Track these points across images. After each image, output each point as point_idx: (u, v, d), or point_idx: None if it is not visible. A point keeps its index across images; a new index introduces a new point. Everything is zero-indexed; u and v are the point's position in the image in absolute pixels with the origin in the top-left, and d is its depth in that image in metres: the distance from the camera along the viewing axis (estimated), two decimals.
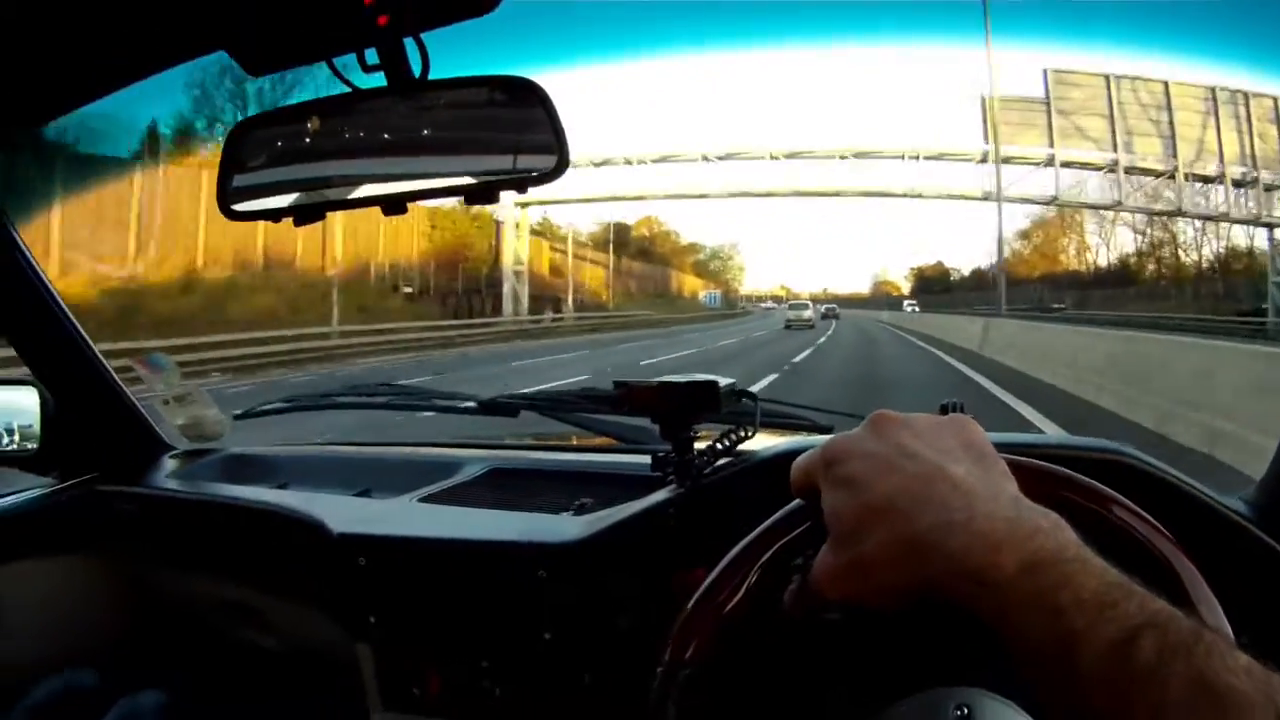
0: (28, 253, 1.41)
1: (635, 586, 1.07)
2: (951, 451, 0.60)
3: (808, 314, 46.51)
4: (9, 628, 1.46)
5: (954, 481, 0.57)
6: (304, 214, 0.96)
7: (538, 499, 1.32)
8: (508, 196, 1.02)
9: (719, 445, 1.13)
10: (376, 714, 1.23)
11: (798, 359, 18.33)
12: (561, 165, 0.88)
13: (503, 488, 1.40)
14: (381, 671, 1.21)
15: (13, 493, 1.56)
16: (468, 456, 1.56)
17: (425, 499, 1.36)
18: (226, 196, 0.97)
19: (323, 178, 0.98)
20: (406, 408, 1.73)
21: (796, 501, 0.67)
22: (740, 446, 1.14)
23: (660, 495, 1.14)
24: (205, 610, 1.56)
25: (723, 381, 1.11)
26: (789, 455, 0.88)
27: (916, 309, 68.98)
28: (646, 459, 1.26)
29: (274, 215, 0.97)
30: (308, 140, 0.97)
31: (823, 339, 28.17)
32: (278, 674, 1.65)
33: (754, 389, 1.24)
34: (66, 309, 1.49)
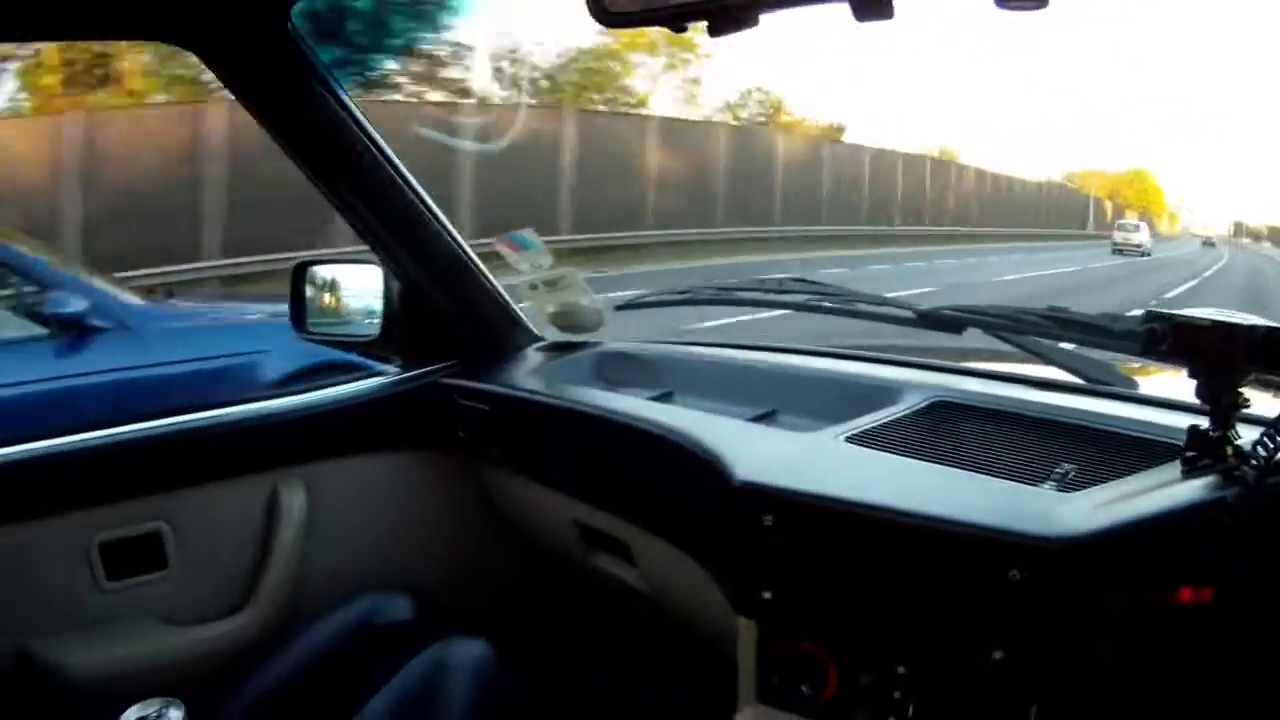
0: (367, 124, 1.26)
1: (1131, 600, 0.83)
2: None
3: (1138, 238, 35.48)
4: (325, 531, 1.34)
5: None
6: (722, 15, 0.60)
7: (1003, 455, 1.03)
8: None
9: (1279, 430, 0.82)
10: (748, 706, 1.00)
11: None
12: None
13: (952, 431, 1.11)
14: (766, 658, 0.99)
15: (349, 379, 1.42)
16: (901, 379, 1.27)
17: (854, 438, 1.08)
18: None
19: None
20: (825, 309, 1.40)
21: None
22: None
23: (1204, 488, 0.86)
24: (558, 532, 1.38)
25: None
26: None
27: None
28: (1136, 412, 1.10)
29: (674, 17, 0.63)
30: None
31: None
32: (631, 620, 1.44)
33: None
34: (414, 181, 1.32)
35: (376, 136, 1.27)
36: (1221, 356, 0.86)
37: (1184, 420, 0.92)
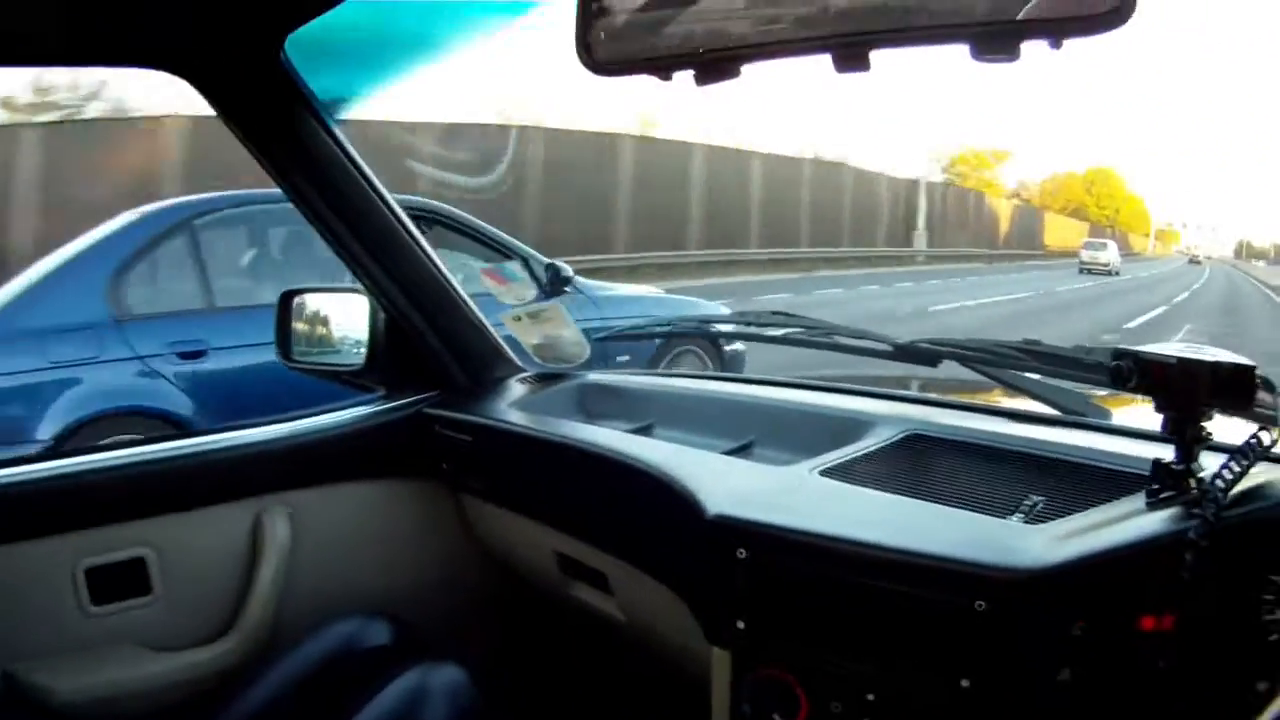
0: (355, 155, 1.29)
1: (1095, 629, 0.85)
2: None
3: (1105, 256, 34.11)
4: (308, 558, 1.34)
5: None
6: (707, 66, 0.61)
7: (974, 487, 1.05)
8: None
9: (1238, 461, 0.87)
10: None
11: None
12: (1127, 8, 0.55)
13: (925, 464, 1.14)
14: (739, 688, 1.00)
15: (333, 409, 1.43)
16: (877, 412, 1.28)
17: (827, 472, 1.10)
18: (590, 39, 0.65)
19: (734, 10, 0.65)
20: (803, 343, 1.43)
21: None
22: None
23: (1166, 520, 0.89)
24: (538, 563, 1.39)
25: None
26: None
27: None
28: (1107, 443, 1.11)
29: (661, 67, 0.63)
30: None
31: None
32: (608, 650, 1.45)
33: None
34: (400, 212, 1.35)
35: (365, 167, 1.29)
36: (1184, 391, 0.89)
37: (1153, 450, 0.95)
